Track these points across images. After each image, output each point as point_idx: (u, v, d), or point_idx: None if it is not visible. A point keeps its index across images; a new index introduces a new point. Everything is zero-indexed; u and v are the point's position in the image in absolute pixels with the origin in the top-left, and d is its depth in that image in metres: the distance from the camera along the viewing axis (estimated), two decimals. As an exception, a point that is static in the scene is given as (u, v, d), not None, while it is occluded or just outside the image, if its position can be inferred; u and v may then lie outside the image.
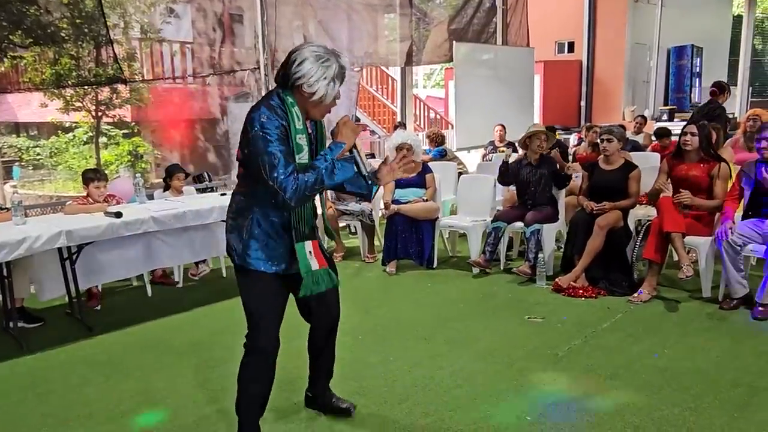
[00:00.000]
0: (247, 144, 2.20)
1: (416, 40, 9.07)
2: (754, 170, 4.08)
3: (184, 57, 6.46)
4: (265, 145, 2.14)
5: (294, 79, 2.20)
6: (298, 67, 2.18)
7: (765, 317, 3.82)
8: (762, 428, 2.61)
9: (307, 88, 2.20)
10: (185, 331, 4.05)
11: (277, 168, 2.13)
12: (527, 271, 4.75)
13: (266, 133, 2.15)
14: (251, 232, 2.30)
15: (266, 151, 2.14)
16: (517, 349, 3.53)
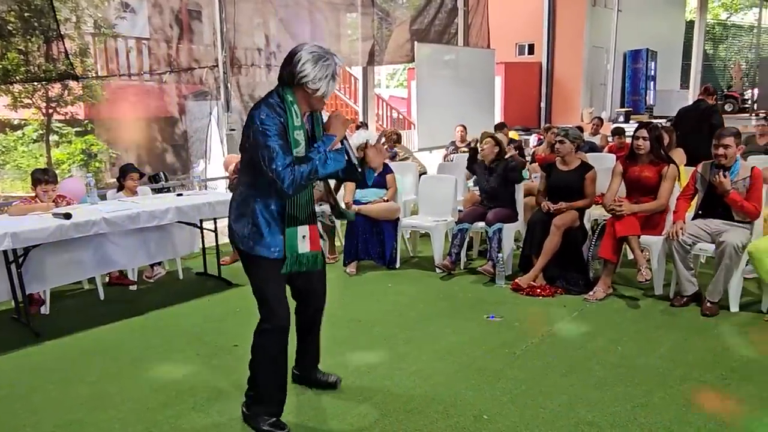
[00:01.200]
0: (248, 139, 2.43)
1: (378, 39, 9.06)
2: (709, 173, 4.22)
3: (140, 54, 6.28)
4: (265, 139, 2.37)
5: (299, 78, 2.43)
6: (303, 67, 2.41)
7: (713, 314, 3.95)
8: (709, 422, 2.69)
9: (312, 85, 2.44)
10: (139, 334, 3.94)
11: (275, 160, 2.35)
12: (491, 270, 4.80)
13: (266, 129, 2.38)
14: (255, 220, 2.50)
15: (265, 145, 2.36)
16: (475, 348, 3.56)
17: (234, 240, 2.59)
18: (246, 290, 4.74)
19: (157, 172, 5.86)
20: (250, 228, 2.51)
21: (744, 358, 3.33)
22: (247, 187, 2.54)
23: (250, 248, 2.53)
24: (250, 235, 2.52)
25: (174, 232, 4.77)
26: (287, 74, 2.46)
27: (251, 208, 2.51)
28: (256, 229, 2.51)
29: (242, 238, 2.54)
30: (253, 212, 2.51)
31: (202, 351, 3.62)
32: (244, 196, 2.54)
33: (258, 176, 2.44)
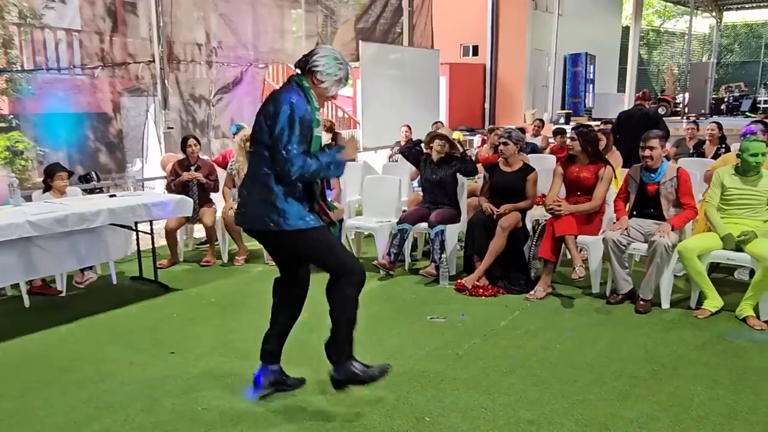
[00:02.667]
0: (272, 119, 2.55)
1: (323, 37, 8.97)
2: (639, 175, 4.37)
3: (71, 46, 5.96)
4: (290, 121, 2.51)
5: (311, 65, 2.67)
6: (318, 59, 2.67)
7: (646, 310, 4.10)
8: (641, 416, 2.78)
9: (320, 77, 2.67)
10: (68, 344, 3.74)
11: (291, 143, 2.51)
12: (433, 272, 4.82)
13: (293, 111, 2.53)
14: (296, 197, 2.62)
15: (289, 126, 2.51)
16: (418, 349, 3.56)
17: (264, 226, 2.62)
18: (184, 294, 4.64)
19: (88, 172, 5.58)
20: (295, 205, 2.61)
21: (674, 353, 3.46)
22: (267, 172, 2.61)
23: (306, 223, 2.62)
24: (298, 213, 2.61)
25: (107, 234, 4.55)
26: (303, 61, 2.70)
27: (278, 190, 2.60)
28: (300, 205, 2.63)
29: (288, 218, 2.60)
30: (282, 193, 2.60)
31: (136, 360, 3.47)
32: (265, 181, 2.60)
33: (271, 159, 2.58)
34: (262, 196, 2.62)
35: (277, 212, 2.59)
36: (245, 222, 2.73)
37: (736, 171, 4.14)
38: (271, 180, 2.60)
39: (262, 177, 2.62)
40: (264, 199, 2.61)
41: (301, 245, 2.70)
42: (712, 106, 19.88)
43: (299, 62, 2.73)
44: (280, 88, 2.70)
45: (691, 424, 2.71)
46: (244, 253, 5.56)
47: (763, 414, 2.78)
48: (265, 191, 2.61)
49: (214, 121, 7.39)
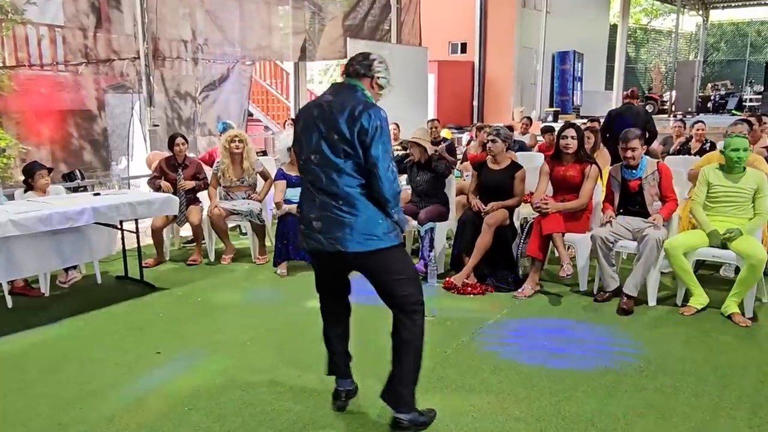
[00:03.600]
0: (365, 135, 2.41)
1: (311, 34, 8.92)
2: (620, 173, 4.40)
3: (54, 43, 5.87)
4: (386, 138, 2.44)
5: (375, 71, 2.57)
6: (380, 65, 2.60)
7: (629, 309, 4.07)
8: (628, 412, 2.79)
9: (381, 82, 2.60)
10: (51, 344, 3.69)
11: (391, 162, 2.46)
12: (422, 270, 4.81)
13: (384, 127, 2.45)
14: (380, 215, 2.50)
15: (385, 146, 2.44)
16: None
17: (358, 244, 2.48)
18: (170, 294, 4.59)
19: (72, 170, 5.51)
20: (385, 221, 2.51)
21: (660, 350, 3.48)
22: (362, 186, 2.49)
23: (393, 240, 2.55)
24: (388, 229, 2.52)
25: (91, 234, 4.49)
26: (363, 66, 2.57)
27: (372, 206, 2.50)
28: (387, 221, 2.52)
29: (379, 234, 2.49)
30: (375, 208, 2.50)
31: (122, 360, 3.43)
32: (364, 195, 2.49)
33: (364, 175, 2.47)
34: (365, 213, 2.48)
35: (381, 228, 2.50)
36: (328, 244, 2.50)
37: (721, 169, 4.17)
38: (361, 196, 2.47)
39: (349, 194, 2.46)
40: (371, 216, 2.48)
41: (389, 263, 2.56)
42: (699, 105, 20.06)
43: (354, 67, 2.58)
44: (348, 96, 2.50)
45: (677, 420, 2.72)
46: (231, 252, 5.52)
47: (746, 409, 2.81)
48: (358, 208, 2.47)
49: (200, 119, 7.33)
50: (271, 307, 4.35)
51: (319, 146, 2.47)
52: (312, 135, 2.50)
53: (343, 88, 2.55)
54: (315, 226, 2.52)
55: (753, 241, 3.91)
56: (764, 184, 4.05)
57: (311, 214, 2.53)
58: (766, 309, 4.09)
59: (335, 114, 2.44)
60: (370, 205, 2.47)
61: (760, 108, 16.55)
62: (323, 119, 2.47)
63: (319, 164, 2.49)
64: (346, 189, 2.46)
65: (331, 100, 2.51)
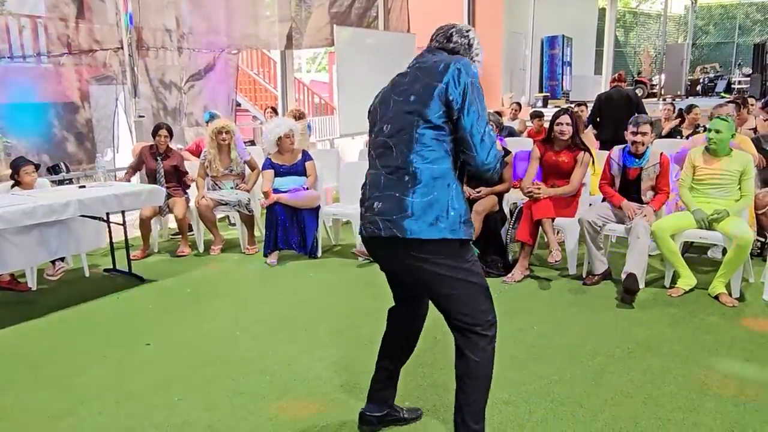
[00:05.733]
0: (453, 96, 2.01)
1: (297, 21, 8.83)
2: (621, 158, 4.39)
3: (35, 33, 5.77)
4: (480, 98, 2.04)
5: (475, 52, 2.26)
6: (479, 46, 2.28)
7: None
8: (617, 393, 2.81)
9: (478, 63, 2.25)
10: (39, 338, 3.67)
11: (485, 128, 2.04)
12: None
13: (476, 85, 2.06)
14: (458, 197, 2.07)
15: (478, 108, 2.02)
16: (396, 334, 3.55)
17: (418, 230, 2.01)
18: (159, 285, 4.58)
19: (56, 163, 5.45)
20: (456, 208, 2.05)
21: (648, 331, 3.51)
22: (438, 161, 2.04)
23: (459, 232, 2.05)
24: (456, 218, 2.04)
25: (77, 226, 4.45)
26: (462, 44, 2.23)
27: (447, 185, 2.05)
28: (460, 208, 2.06)
29: (450, 224, 2.02)
30: (452, 188, 2.06)
31: (110, 353, 3.42)
32: (439, 173, 2.03)
33: (450, 144, 2.05)
34: (434, 194, 2.03)
35: (442, 217, 2.02)
36: (385, 227, 2.06)
37: (707, 151, 4.18)
38: (434, 174, 2.03)
39: (419, 170, 2.03)
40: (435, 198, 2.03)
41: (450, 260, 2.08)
42: (688, 88, 20.10)
43: (449, 44, 2.22)
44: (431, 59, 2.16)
45: (665, 400, 2.75)
46: (220, 243, 5.50)
47: (733, 389, 2.84)
48: (427, 188, 2.03)
49: (186, 109, 7.26)
50: (261, 297, 4.34)
51: (394, 114, 2.12)
52: (388, 105, 2.17)
53: (426, 55, 2.20)
54: (375, 207, 2.11)
55: (740, 222, 3.94)
56: (750, 166, 4.08)
57: (374, 194, 2.13)
58: (752, 289, 4.13)
59: (415, 76, 2.11)
60: (443, 187, 2.04)
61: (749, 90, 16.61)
62: (400, 85, 2.15)
63: (391, 135, 2.12)
64: (417, 164, 2.04)
65: (412, 65, 2.19)
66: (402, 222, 2.03)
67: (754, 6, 27.53)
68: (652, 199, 4.30)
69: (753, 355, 3.18)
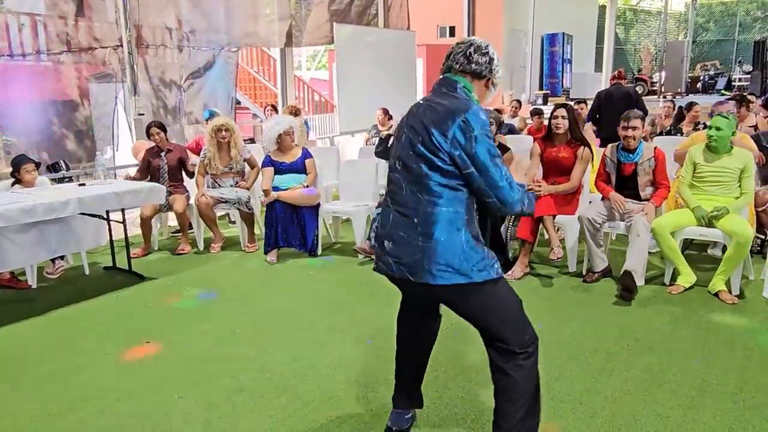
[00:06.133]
0: (460, 146, 1.97)
1: (297, 19, 8.82)
2: (616, 155, 4.39)
3: (34, 31, 5.76)
4: (492, 149, 1.98)
5: (494, 70, 2.18)
6: (498, 64, 2.19)
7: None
8: (616, 391, 2.81)
9: (497, 80, 2.20)
10: (39, 336, 3.67)
11: (504, 172, 2.00)
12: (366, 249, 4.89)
13: (488, 134, 1.99)
14: (477, 239, 2.05)
15: (494, 158, 1.98)
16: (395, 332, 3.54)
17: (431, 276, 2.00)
18: (159, 283, 4.58)
19: (56, 161, 5.44)
20: (479, 250, 2.02)
21: (648, 329, 3.51)
22: (453, 203, 2.01)
23: (491, 273, 2.04)
24: (481, 259, 2.02)
25: (77, 224, 4.45)
26: (484, 63, 2.14)
27: (467, 227, 2.02)
28: (483, 250, 2.04)
29: (475, 265, 2.00)
30: (472, 230, 2.03)
31: (111, 350, 3.42)
32: (440, 217, 2.00)
33: (466, 191, 2.02)
34: (453, 238, 1.99)
35: (467, 260, 1.99)
36: (398, 270, 2.07)
37: (707, 148, 4.18)
38: (444, 218, 1.99)
39: (428, 212, 2.01)
40: (450, 243, 1.99)
41: (476, 302, 2.08)
42: (688, 85, 20.08)
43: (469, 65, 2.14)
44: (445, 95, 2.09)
45: (664, 397, 2.75)
46: (220, 240, 5.50)
47: (732, 386, 2.84)
48: (436, 232, 1.99)
49: (186, 107, 7.26)
50: (260, 295, 4.34)
51: (405, 151, 2.08)
52: (402, 138, 2.12)
53: (442, 86, 2.14)
54: (387, 246, 2.10)
55: (739, 220, 3.94)
56: (750, 163, 4.07)
57: (383, 231, 2.13)
58: (752, 286, 4.13)
59: (428, 116, 2.04)
60: (453, 231, 1.99)
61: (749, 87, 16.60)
62: (416, 121, 2.08)
63: (401, 172, 2.09)
64: (426, 207, 2.01)
65: (431, 99, 2.13)
66: (414, 267, 2.02)
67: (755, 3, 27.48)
68: (652, 194, 4.29)
69: (752, 352, 3.18)
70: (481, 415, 2.66)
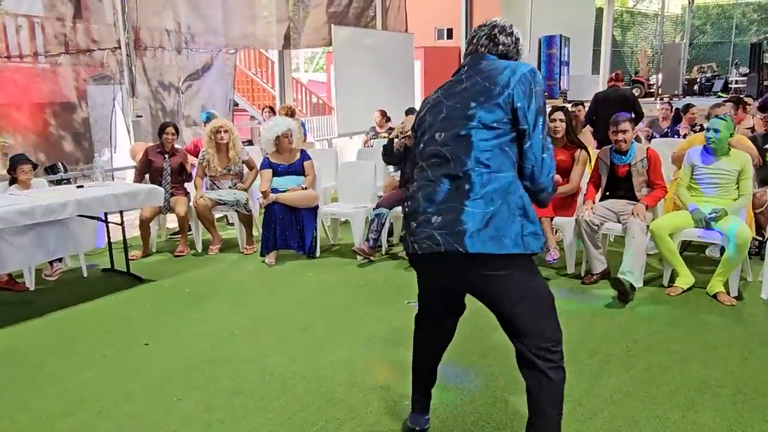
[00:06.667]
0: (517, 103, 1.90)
1: (295, 21, 8.83)
2: (609, 157, 4.41)
3: (32, 32, 5.75)
4: (543, 114, 1.94)
5: (521, 50, 2.12)
6: (523, 44, 2.14)
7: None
8: (615, 392, 2.82)
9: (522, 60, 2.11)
10: (38, 338, 3.66)
11: (547, 142, 1.96)
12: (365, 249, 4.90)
13: (541, 93, 1.96)
14: (525, 207, 1.94)
15: (545, 119, 1.95)
16: (395, 334, 3.55)
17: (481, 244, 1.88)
18: (157, 285, 4.57)
19: (54, 163, 5.43)
20: (523, 218, 1.92)
21: (647, 330, 3.51)
22: (503, 168, 1.93)
23: (527, 246, 1.92)
24: (523, 229, 1.91)
25: (76, 226, 4.44)
26: (509, 44, 2.09)
27: (517, 195, 1.93)
28: (529, 221, 1.93)
29: (515, 237, 1.89)
30: (521, 199, 1.94)
31: (109, 352, 3.41)
32: (492, 184, 1.91)
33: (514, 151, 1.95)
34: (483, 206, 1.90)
35: (507, 229, 1.89)
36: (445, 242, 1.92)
37: (706, 150, 4.19)
38: (496, 184, 1.91)
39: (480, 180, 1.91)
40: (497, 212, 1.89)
41: (516, 278, 1.97)
42: (685, 87, 20.16)
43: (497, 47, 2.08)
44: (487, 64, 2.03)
45: (663, 398, 2.75)
46: (219, 242, 5.49)
47: (730, 387, 2.84)
48: (490, 199, 1.90)
49: (184, 109, 7.26)
50: (259, 296, 4.34)
51: (450, 121, 1.99)
52: (440, 112, 2.04)
53: (481, 62, 2.06)
54: (434, 221, 1.96)
55: (738, 221, 3.95)
56: (748, 165, 4.08)
57: (429, 208, 1.99)
58: (750, 288, 4.14)
59: (475, 81, 1.98)
60: (507, 197, 1.91)
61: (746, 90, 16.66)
62: (455, 91, 2.03)
63: (446, 143, 1.99)
64: (478, 172, 1.92)
65: (466, 72, 2.06)
66: (463, 236, 1.89)
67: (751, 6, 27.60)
68: (645, 195, 4.29)
69: (751, 353, 3.19)
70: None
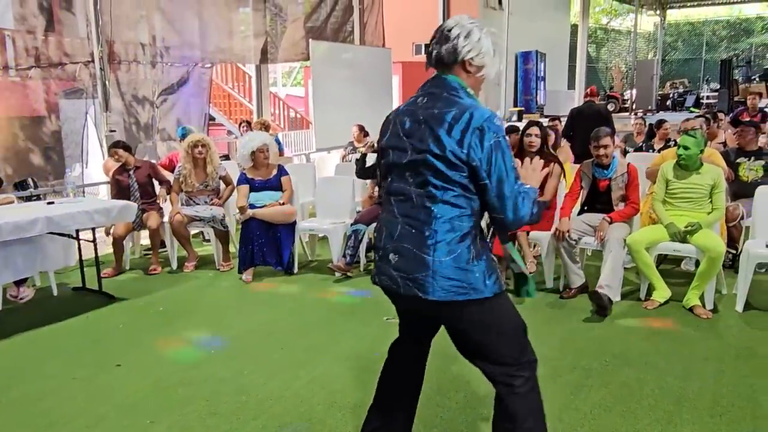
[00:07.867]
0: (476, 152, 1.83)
1: (272, 36, 8.82)
2: (591, 171, 4.44)
3: (3, 45, 5.64)
4: (509, 158, 1.87)
5: (465, 52, 1.93)
6: (467, 40, 1.93)
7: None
8: (595, 407, 2.81)
9: (479, 61, 1.95)
10: (4, 361, 3.53)
11: (516, 185, 1.88)
12: (341, 266, 4.87)
13: (502, 141, 1.86)
14: (480, 253, 1.92)
15: (510, 166, 1.86)
16: (374, 350, 3.50)
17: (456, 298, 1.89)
18: (130, 304, 4.47)
19: (24, 178, 5.30)
20: (481, 266, 1.91)
21: (625, 344, 3.52)
22: (461, 213, 1.90)
23: (492, 290, 1.92)
24: (483, 276, 1.90)
25: (45, 244, 4.33)
26: (447, 51, 1.94)
27: (471, 241, 1.90)
28: (485, 264, 1.92)
29: (475, 283, 1.89)
30: (475, 243, 1.91)
31: (80, 374, 3.31)
32: (463, 226, 1.89)
33: (472, 197, 1.90)
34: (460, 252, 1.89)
35: (467, 276, 1.88)
36: (404, 285, 1.94)
37: (678, 166, 4.25)
38: (456, 230, 1.89)
39: (440, 226, 1.89)
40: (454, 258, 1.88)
41: (482, 318, 1.97)
42: (658, 102, 20.59)
43: (440, 57, 1.96)
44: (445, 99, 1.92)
45: (642, 412, 2.75)
46: (194, 259, 5.40)
47: (708, 399, 2.86)
48: (448, 245, 1.88)
49: (159, 124, 7.16)
50: (235, 314, 4.26)
51: (412, 161, 1.93)
52: (403, 150, 1.95)
53: (435, 86, 1.97)
54: (392, 260, 1.96)
55: (712, 235, 4.00)
56: (720, 179, 4.15)
57: (388, 245, 1.99)
58: (725, 301, 4.19)
59: (433, 125, 1.89)
60: (465, 244, 1.89)
61: (717, 105, 17.06)
62: (417, 131, 1.92)
63: (410, 183, 1.95)
64: (438, 219, 1.89)
65: (425, 104, 1.95)
66: (423, 282, 1.90)
67: (721, 23, 28.40)
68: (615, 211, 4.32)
69: (727, 366, 3.21)
70: (461, 435, 2.62)
